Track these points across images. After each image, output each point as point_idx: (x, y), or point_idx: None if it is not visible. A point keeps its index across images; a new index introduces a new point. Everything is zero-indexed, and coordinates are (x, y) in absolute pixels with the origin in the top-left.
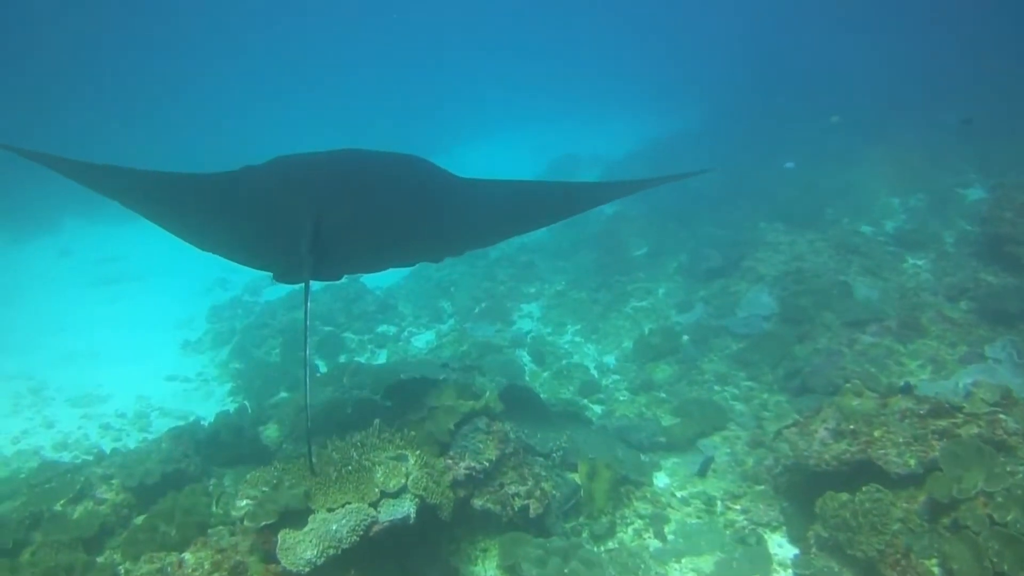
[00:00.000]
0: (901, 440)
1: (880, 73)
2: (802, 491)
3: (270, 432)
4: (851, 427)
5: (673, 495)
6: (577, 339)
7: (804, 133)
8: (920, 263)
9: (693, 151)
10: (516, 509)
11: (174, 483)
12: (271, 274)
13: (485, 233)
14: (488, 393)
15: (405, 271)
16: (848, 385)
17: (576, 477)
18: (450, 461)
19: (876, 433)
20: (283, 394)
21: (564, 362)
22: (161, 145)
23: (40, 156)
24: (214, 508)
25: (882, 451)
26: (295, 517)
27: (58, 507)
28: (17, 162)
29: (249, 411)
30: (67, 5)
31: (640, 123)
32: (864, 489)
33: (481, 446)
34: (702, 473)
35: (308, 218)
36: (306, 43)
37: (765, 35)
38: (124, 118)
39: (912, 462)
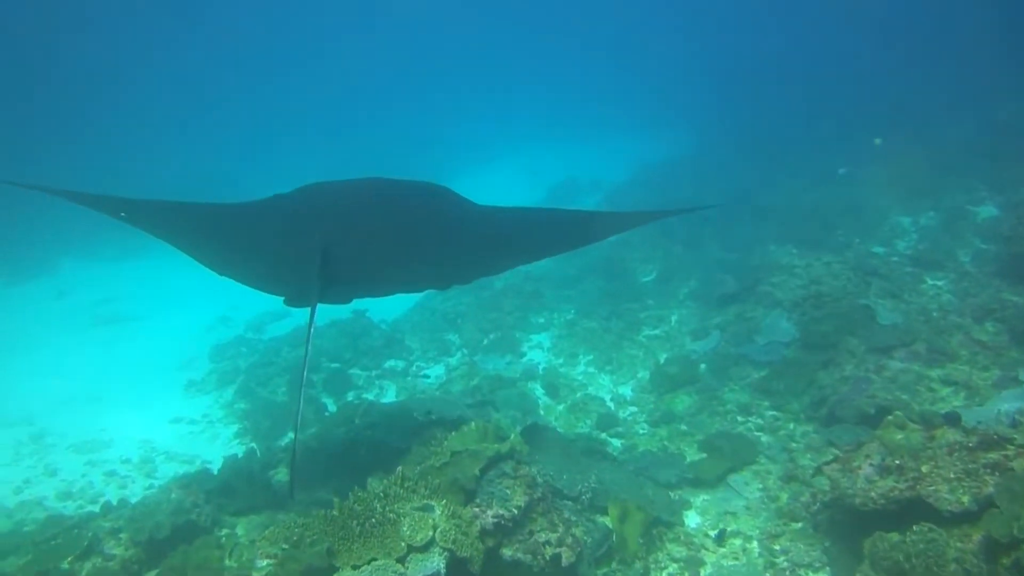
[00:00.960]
0: (952, 475)
1: (881, 87)
2: (844, 530)
3: (281, 476)
4: (897, 462)
5: (707, 535)
6: (591, 370)
7: (806, 149)
8: (940, 284)
9: (693, 172)
10: (548, 558)
11: (185, 536)
12: (282, 299)
13: (497, 260)
14: (513, 435)
15: (410, 303)
16: (890, 417)
17: (607, 520)
18: (477, 510)
19: (924, 468)
20: (292, 435)
21: (579, 394)
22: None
23: (74, 195)
24: (227, 561)
25: (932, 488)
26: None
27: (65, 565)
28: (10, 202)
29: (258, 454)
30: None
31: (637, 143)
32: (916, 529)
33: (508, 492)
34: (719, 541)
35: (318, 243)
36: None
37: (760, 50)
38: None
39: (965, 499)
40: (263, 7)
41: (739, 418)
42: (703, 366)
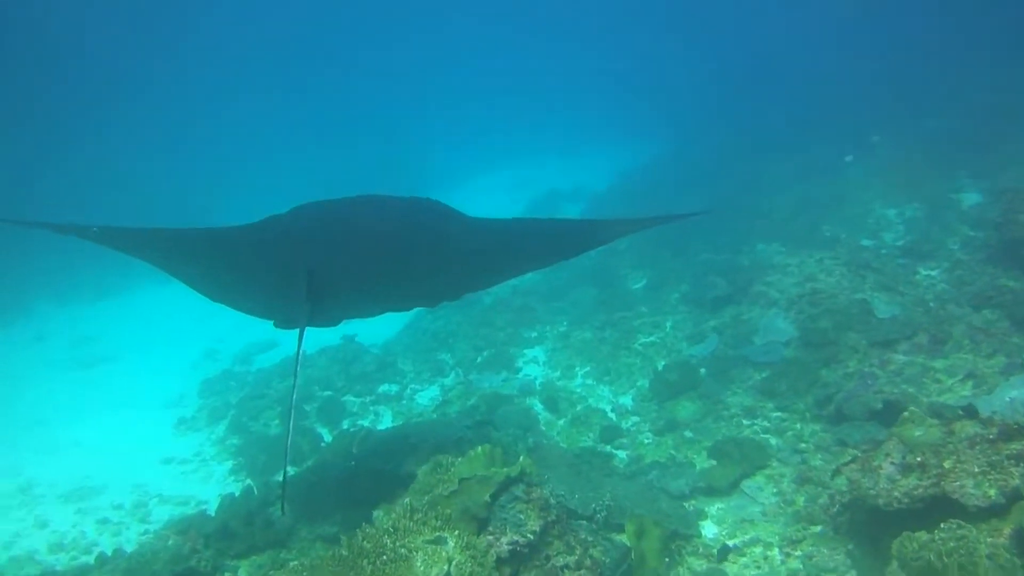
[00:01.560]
0: (976, 469)
1: (858, 81)
2: (867, 531)
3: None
4: (918, 459)
5: (726, 545)
6: (589, 381)
7: (786, 146)
8: (933, 273)
9: (674, 176)
10: None
11: None
12: (272, 323)
13: (492, 273)
14: (522, 457)
15: (399, 326)
16: (906, 414)
17: (624, 538)
18: (491, 538)
19: (947, 464)
20: (289, 469)
21: (579, 407)
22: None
23: (63, 227)
24: None
25: (957, 483)
26: None
27: None
28: None
29: (255, 492)
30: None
31: (615, 151)
32: (944, 526)
33: (522, 517)
34: (721, 559)
35: (306, 265)
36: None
37: (736, 52)
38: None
39: (992, 492)
40: (245, 23)
41: (744, 421)
42: (703, 371)
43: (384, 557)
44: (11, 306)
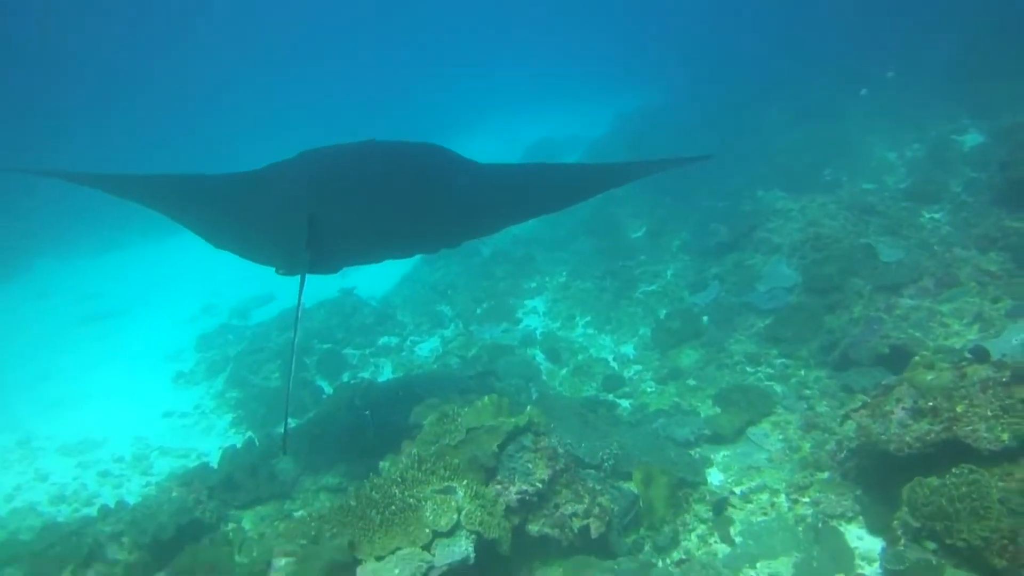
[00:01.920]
0: (989, 413)
1: (854, 21)
2: (876, 476)
3: (284, 465)
4: (930, 404)
5: (732, 492)
6: (590, 331)
7: (784, 91)
8: (937, 216)
9: (672, 123)
10: (576, 531)
11: (190, 534)
12: (273, 269)
13: (496, 218)
14: (530, 407)
15: (397, 278)
16: (917, 358)
17: (631, 486)
18: (499, 487)
19: (959, 408)
20: (291, 421)
21: (580, 357)
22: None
23: (73, 175)
24: (237, 558)
25: (969, 427)
26: (341, 571)
27: (67, 575)
28: None
29: (257, 444)
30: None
31: (611, 99)
32: (955, 471)
33: (530, 466)
34: (718, 512)
35: (307, 210)
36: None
37: None
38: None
39: (1005, 436)
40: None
41: (748, 369)
42: (705, 318)
43: (393, 507)
44: (10, 263)
